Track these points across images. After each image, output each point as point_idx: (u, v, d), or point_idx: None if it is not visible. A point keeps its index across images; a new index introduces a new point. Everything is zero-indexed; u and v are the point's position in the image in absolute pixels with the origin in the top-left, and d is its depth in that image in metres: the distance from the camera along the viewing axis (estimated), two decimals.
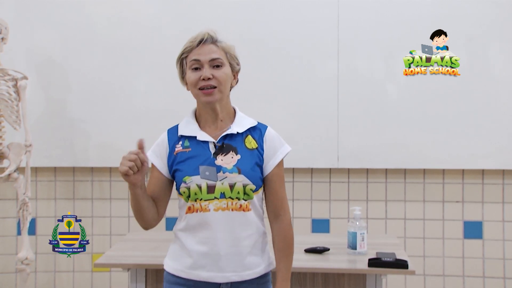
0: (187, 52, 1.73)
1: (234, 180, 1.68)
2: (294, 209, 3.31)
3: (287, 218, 1.78)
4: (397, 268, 2.18)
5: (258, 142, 1.76)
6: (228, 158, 1.70)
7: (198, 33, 1.74)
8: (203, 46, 1.72)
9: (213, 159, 1.70)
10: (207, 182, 1.68)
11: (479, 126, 3.16)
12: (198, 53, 1.71)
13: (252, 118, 1.81)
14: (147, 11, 3.26)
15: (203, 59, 1.70)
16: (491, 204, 3.24)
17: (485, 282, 3.23)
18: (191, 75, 1.71)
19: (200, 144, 1.73)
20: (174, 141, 1.76)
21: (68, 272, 3.37)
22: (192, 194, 1.69)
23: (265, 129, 1.80)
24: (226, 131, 1.73)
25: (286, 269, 1.76)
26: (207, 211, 1.68)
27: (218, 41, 1.75)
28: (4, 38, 2.87)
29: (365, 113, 3.20)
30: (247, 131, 1.76)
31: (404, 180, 3.28)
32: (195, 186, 1.68)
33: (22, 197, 2.89)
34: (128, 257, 2.34)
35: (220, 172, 1.68)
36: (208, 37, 1.73)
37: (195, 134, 1.74)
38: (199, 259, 1.70)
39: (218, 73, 1.71)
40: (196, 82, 1.70)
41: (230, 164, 1.69)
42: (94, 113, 3.27)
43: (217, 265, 1.69)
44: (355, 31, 3.19)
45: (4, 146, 2.89)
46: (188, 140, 1.74)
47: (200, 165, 1.69)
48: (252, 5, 3.23)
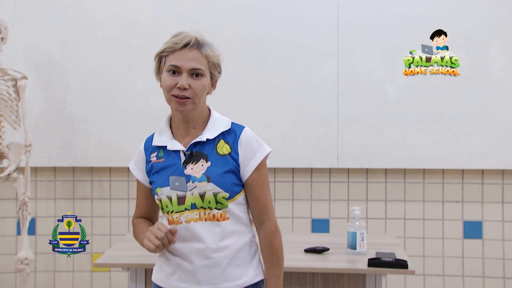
0: (168, 51, 1.61)
1: (204, 189, 1.59)
2: (294, 209, 3.31)
3: (273, 225, 1.68)
4: (397, 268, 2.18)
5: (232, 146, 1.65)
6: (198, 166, 1.61)
7: (185, 34, 1.62)
8: (186, 50, 1.60)
9: (182, 169, 1.62)
10: (177, 193, 1.61)
11: (478, 126, 3.16)
12: (179, 58, 1.59)
13: (227, 118, 1.72)
14: (147, 11, 3.26)
15: (183, 66, 1.59)
16: (491, 204, 3.24)
17: (485, 282, 3.24)
18: (168, 78, 1.61)
19: (171, 154, 1.65)
20: (150, 152, 1.70)
21: (68, 272, 3.36)
22: (164, 206, 1.63)
23: (240, 131, 1.68)
24: (196, 138, 1.64)
25: (276, 277, 1.66)
26: (179, 223, 1.61)
27: (203, 47, 1.62)
28: (3, 38, 2.87)
29: (365, 113, 3.20)
30: (220, 136, 1.65)
31: (404, 180, 3.28)
32: (165, 198, 1.62)
33: (22, 197, 2.89)
34: (128, 257, 2.34)
35: (189, 181, 1.60)
36: (194, 42, 1.60)
37: (165, 143, 1.66)
38: (177, 270, 1.65)
39: (195, 84, 1.60)
40: (171, 88, 1.60)
41: (199, 173, 1.60)
42: (93, 113, 3.27)
43: (193, 277, 1.62)
44: (355, 31, 3.19)
45: (3, 146, 2.88)
46: (162, 150, 1.67)
47: (170, 176, 1.62)
48: (252, 5, 3.23)
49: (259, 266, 1.70)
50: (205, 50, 1.63)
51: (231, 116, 3.40)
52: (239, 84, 3.21)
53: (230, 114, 3.16)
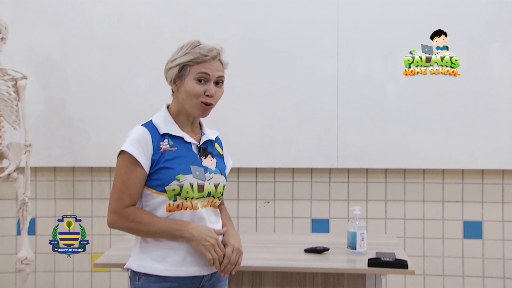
0: (195, 62, 1.75)
1: (218, 180, 1.81)
2: (294, 209, 3.31)
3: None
4: (397, 268, 2.18)
5: (222, 149, 1.94)
6: (208, 160, 1.82)
7: (211, 46, 1.78)
8: (214, 61, 1.77)
9: (200, 160, 1.79)
10: (198, 181, 1.76)
11: (478, 126, 3.16)
12: (210, 68, 1.76)
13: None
14: (147, 11, 3.26)
15: (212, 75, 1.76)
16: (491, 204, 3.24)
17: (485, 282, 3.24)
18: (196, 86, 1.75)
19: (185, 145, 1.79)
20: (157, 139, 1.77)
21: (68, 272, 3.36)
22: (183, 192, 1.74)
23: (218, 136, 1.95)
24: (206, 136, 1.86)
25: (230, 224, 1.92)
26: (196, 208, 1.76)
27: (222, 57, 1.81)
28: (3, 38, 2.87)
29: (365, 113, 3.20)
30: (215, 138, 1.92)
31: (403, 180, 3.28)
32: (188, 185, 1.74)
33: (22, 197, 2.89)
34: (128, 257, 2.32)
35: (207, 172, 1.79)
36: (219, 55, 1.79)
37: (181, 134, 1.80)
38: (187, 255, 1.75)
39: (219, 92, 1.80)
40: (199, 95, 1.76)
41: (212, 166, 1.82)
42: (93, 113, 3.27)
43: (202, 258, 1.75)
44: (355, 31, 3.19)
45: (3, 146, 2.88)
46: (171, 139, 1.78)
47: (191, 165, 1.76)
48: (252, 5, 3.23)
49: None
50: (223, 60, 1.82)
51: (231, 116, 3.41)
52: (239, 84, 3.21)
53: (230, 114, 3.19)
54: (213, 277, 1.82)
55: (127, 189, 1.74)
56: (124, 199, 1.74)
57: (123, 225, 1.76)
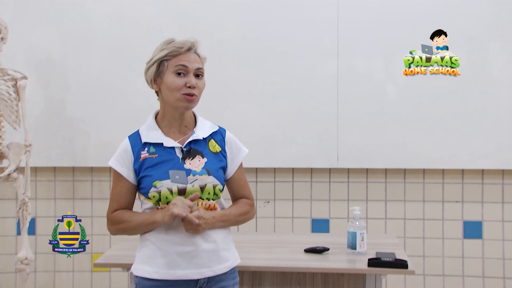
0: (171, 55, 1.76)
1: (205, 181, 1.77)
2: (294, 209, 3.31)
3: (252, 201, 1.94)
4: (397, 268, 2.18)
5: (221, 145, 1.86)
6: (195, 161, 1.78)
7: (184, 40, 1.79)
8: (189, 53, 1.78)
9: (181, 163, 1.77)
10: (178, 185, 1.74)
11: (478, 126, 3.16)
12: (186, 60, 1.76)
13: (210, 121, 1.89)
14: (147, 11, 3.26)
15: (190, 66, 1.76)
16: (491, 204, 3.24)
17: (485, 282, 3.24)
18: (176, 79, 1.76)
19: (166, 150, 1.79)
20: (138, 148, 1.80)
21: (68, 272, 3.36)
22: (163, 198, 1.74)
23: (224, 132, 1.90)
24: (191, 136, 1.81)
25: (225, 213, 1.83)
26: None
27: (198, 51, 1.81)
28: (3, 38, 2.87)
29: (364, 113, 3.20)
30: (210, 136, 1.85)
31: (403, 180, 3.28)
32: (166, 190, 1.74)
33: (22, 197, 2.89)
34: (128, 257, 2.33)
35: (189, 175, 1.76)
36: (193, 47, 1.79)
37: (161, 140, 1.79)
38: (175, 258, 1.75)
39: (200, 83, 1.79)
40: (180, 87, 1.76)
41: (198, 167, 1.77)
42: (93, 113, 3.27)
43: (192, 262, 1.75)
44: (355, 31, 3.19)
45: (3, 146, 2.88)
46: (153, 146, 1.79)
47: (170, 170, 1.75)
48: (252, 5, 3.23)
49: (235, 252, 1.90)
50: (200, 53, 1.82)
51: (231, 116, 3.40)
52: (239, 84, 3.21)
53: (230, 113, 3.19)
54: (210, 282, 1.79)
55: (115, 197, 1.83)
56: (113, 206, 1.84)
57: (114, 228, 1.84)
